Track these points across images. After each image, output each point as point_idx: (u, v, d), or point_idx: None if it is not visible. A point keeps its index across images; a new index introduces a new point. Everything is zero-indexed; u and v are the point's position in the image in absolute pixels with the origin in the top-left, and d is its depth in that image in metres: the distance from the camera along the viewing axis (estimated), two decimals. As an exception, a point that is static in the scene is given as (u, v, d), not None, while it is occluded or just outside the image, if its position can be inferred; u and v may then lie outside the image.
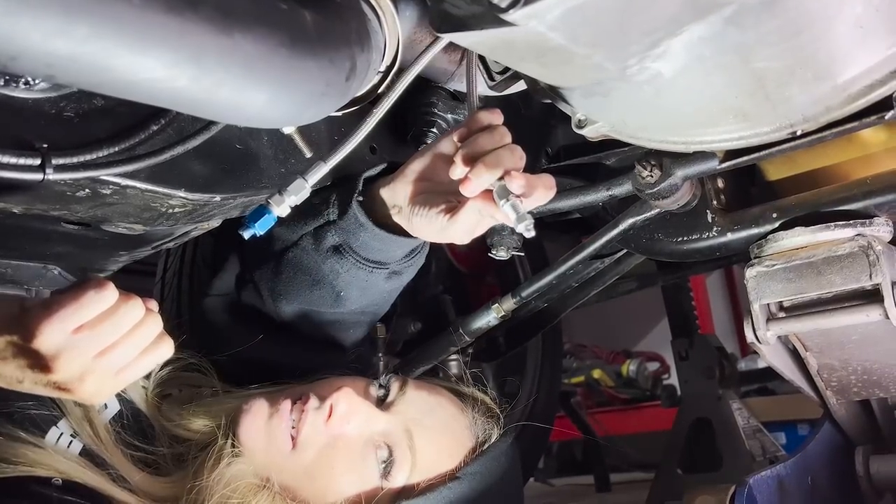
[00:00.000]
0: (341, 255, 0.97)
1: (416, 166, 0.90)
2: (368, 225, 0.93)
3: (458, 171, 0.80)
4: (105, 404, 0.90)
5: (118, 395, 0.91)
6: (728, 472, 1.62)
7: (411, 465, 0.87)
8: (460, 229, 0.87)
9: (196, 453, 0.87)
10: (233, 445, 0.86)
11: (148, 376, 0.93)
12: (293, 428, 0.86)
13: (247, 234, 0.81)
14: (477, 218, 0.85)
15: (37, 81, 0.67)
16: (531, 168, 1.23)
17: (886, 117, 0.69)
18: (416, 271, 1.05)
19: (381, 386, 0.94)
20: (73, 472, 0.82)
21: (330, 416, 0.86)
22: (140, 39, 0.52)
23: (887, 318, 0.81)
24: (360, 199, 0.95)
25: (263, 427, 0.87)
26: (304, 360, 1.02)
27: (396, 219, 0.93)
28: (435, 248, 1.74)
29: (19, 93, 0.67)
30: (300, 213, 1.03)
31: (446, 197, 0.88)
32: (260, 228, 0.81)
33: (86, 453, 0.86)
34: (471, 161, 0.78)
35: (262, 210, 0.82)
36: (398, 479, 0.86)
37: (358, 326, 1.09)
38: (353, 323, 1.07)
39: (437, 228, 0.88)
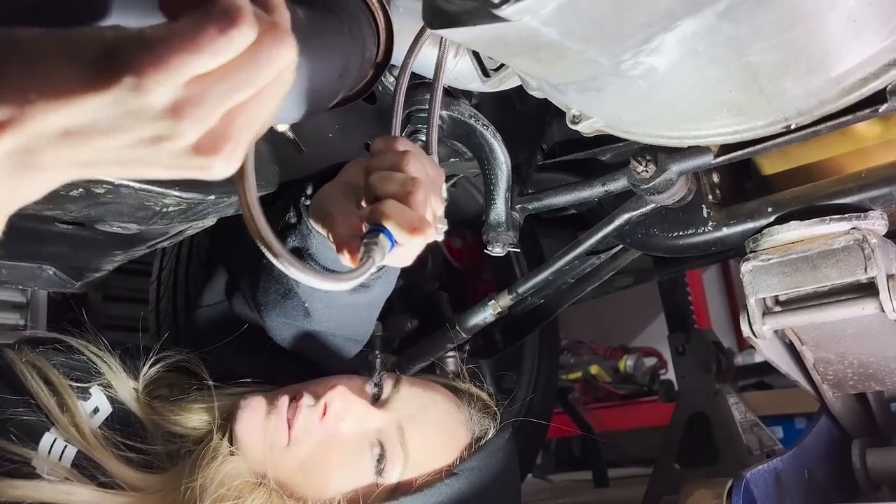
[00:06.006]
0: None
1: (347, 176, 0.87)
2: (314, 229, 0.90)
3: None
4: (96, 407, 0.89)
5: (109, 398, 0.90)
6: (725, 467, 1.62)
7: (404, 462, 0.87)
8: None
9: (191, 447, 0.86)
10: (229, 442, 0.85)
11: (137, 376, 0.93)
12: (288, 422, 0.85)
13: None
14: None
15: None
16: (528, 164, 1.24)
17: (880, 110, 0.69)
18: (390, 287, 1.01)
19: (375, 384, 0.93)
20: (61, 499, 0.79)
21: (325, 414, 0.86)
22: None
23: (882, 311, 0.81)
24: (308, 203, 0.91)
25: (261, 424, 0.86)
26: (293, 375, 0.98)
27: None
28: (431, 245, 1.74)
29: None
30: (271, 216, 1.00)
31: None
32: None
33: (80, 459, 0.84)
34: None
35: None
36: (392, 476, 0.86)
37: (344, 348, 1.06)
38: (342, 343, 1.05)
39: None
